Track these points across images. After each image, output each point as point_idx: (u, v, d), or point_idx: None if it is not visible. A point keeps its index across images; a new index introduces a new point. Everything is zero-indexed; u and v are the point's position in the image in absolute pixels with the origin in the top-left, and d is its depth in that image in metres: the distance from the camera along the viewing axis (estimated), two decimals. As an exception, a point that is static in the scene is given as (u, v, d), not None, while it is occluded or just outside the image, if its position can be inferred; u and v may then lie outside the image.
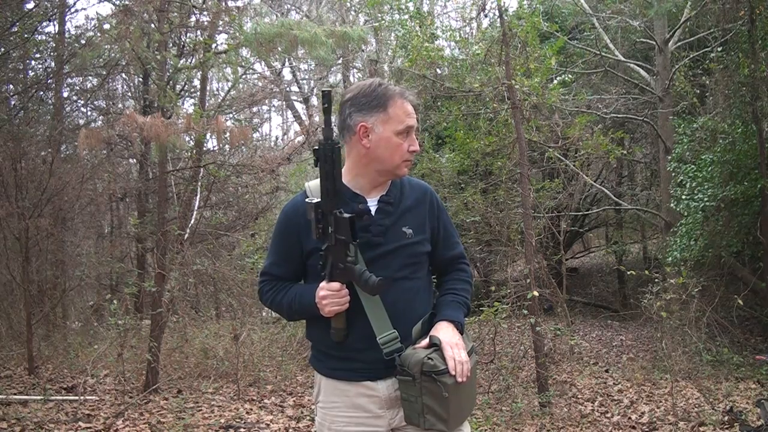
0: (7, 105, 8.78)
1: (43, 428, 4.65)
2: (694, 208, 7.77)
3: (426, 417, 1.69)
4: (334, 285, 1.74)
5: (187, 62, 8.35)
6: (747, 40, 7.20)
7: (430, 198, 1.94)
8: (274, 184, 12.45)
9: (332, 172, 1.70)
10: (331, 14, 13.41)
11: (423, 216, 1.89)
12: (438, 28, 9.16)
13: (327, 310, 1.75)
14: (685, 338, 6.55)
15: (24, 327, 6.77)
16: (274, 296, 1.91)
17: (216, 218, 9.08)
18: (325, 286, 1.75)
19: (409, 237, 1.84)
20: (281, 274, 1.92)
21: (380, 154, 1.81)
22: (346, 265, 1.72)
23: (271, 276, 1.94)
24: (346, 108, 1.83)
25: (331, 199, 1.71)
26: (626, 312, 11.27)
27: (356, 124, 1.81)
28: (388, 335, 1.76)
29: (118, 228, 12.60)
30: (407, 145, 1.82)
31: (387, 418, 1.81)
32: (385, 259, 1.80)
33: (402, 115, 1.81)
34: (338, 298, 1.74)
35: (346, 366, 1.83)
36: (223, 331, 7.78)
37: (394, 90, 1.83)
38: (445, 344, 1.72)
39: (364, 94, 1.81)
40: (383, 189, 1.88)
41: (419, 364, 1.68)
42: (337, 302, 1.74)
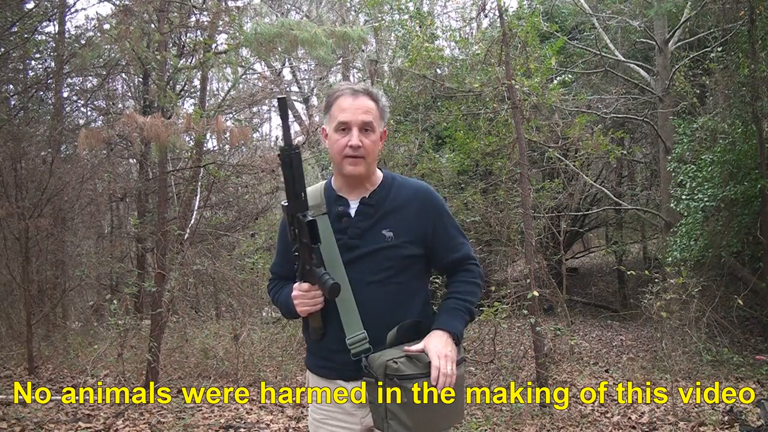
0: (7, 105, 8.77)
1: (43, 428, 4.65)
2: (694, 208, 7.77)
3: (389, 422, 1.66)
4: (303, 285, 1.77)
5: (187, 62, 8.35)
6: (747, 40, 7.20)
7: (423, 199, 1.88)
8: (274, 184, 12.43)
9: (292, 177, 1.70)
10: (331, 14, 13.41)
11: (410, 218, 1.84)
12: (438, 28, 9.17)
13: (299, 309, 1.80)
14: (685, 338, 6.55)
15: (24, 327, 6.77)
16: (274, 294, 2.00)
17: (216, 218, 9.08)
18: (296, 287, 1.79)
19: (389, 240, 1.81)
20: (283, 273, 1.99)
21: (331, 154, 1.86)
22: (311, 267, 1.74)
23: (275, 275, 2.04)
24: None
25: (293, 202, 1.72)
26: (626, 312, 11.28)
27: (321, 130, 1.91)
28: (357, 336, 1.76)
29: (118, 228, 12.60)
30: (345, 141, 1.80)
31: (359, 417, 1.84)
32: (361, 261, 1.80)
33: (337, 112, 1.82)
34: (308, 299, 1.77)
35: (323, 364, 1.88)
36: (223, 331, 7.78)
37: (337, 88, 1.86)
38: (432, 353, 1.68)
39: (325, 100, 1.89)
40: (365, 190, 1.87)
41: (383, 367, 1.66)
42: (308, 302, 1.77)
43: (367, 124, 1.80)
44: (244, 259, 8.58)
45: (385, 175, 1.93)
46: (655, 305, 5.67)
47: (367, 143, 1.81)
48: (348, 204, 1.86)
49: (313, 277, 1.75)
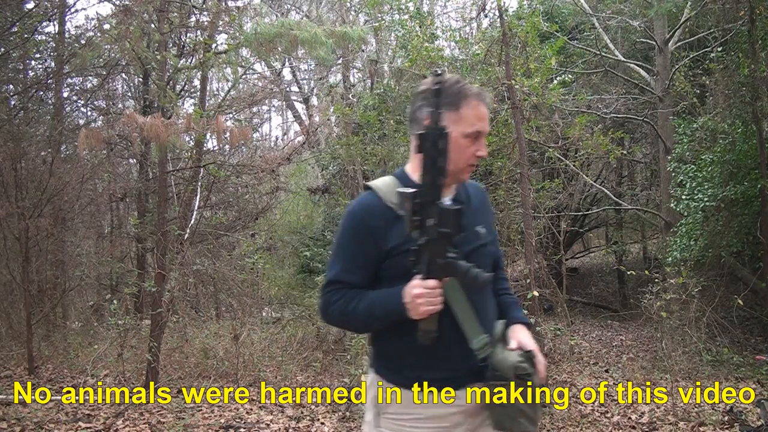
0: (7, 105, 8.77)
1: (43, 428, 4.65)
2: (694, 208, 7.77)
3: (520, 420, 1.66)
4: (430, 282, 1.61)
5: (187, 62, 8.35)
6: (747, 40, 7.20)
7: (486, 197, 1.94)
8: (274, 184, 12.46)
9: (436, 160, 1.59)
10: (331, 14, 13.41)
11: (488, 216, 1.90)
12: (438, 28, 9.15)
13: (422, 310, 1.62)
14: (685, 338, 6.55)
15: (24, 327, 6.78)
16: (345, 305, 1.73)
17: (216, 218, 9.08)
18: (421, 284, 1.61)
19: (484, 237, 1.80)
20: (355, 281, 1.75)
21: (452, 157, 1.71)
22: (447, 260, 1.62)
23: (342, 284, 1.76)
24: (418, 100, 1.75)
25: (434, 188, 1.60)
26: (626, 312, 11.27)
27: (424, 117, 1.71)
28: (482, 340, 1.71)
29: (118, 228, 12.59)
30: (474, 149, 1.74)
31: (465, 426, 1.75)
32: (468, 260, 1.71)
33: (473, 118, 1.72)
34: (433, 297, 1.62)
35: (429, 375, 1.73)
36: (223, 331, 7.78)
37: (470, 90, 1.74)
38: (536, 349, 1.72)
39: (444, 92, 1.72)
40: (450, 190, 1.80)
41: (513, 369, 1.65)
42: (432, 301, 1.62)
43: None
44: (244, 259, 8.59)
45: None
46: (655, 305, 5.67)
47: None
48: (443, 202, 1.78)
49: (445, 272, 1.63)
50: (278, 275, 11.66)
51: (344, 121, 10.78)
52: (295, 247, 13.13)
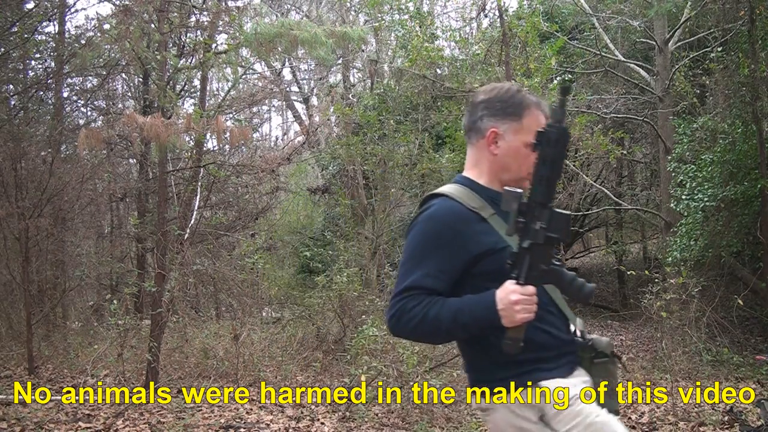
0: (7, 105, 8.77)
1: (43, 428, 4.65)
2: (694, 208, 7.77)
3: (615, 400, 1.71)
4: (529, 289, 1.55)
5: (187, 62, 8.35)
6: (747, 40, 7.20)
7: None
8: (274, 184, 12.46)
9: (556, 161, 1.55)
10: (331, 14, 13.41)
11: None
12: (438, 28, 9.16)
13: (518, 317, 1.54)
14: (685, 338, 6.55)
15: (24, 327, 6.77)
16: (426, 311, 1.61)
17: (216, 218, 9.07)
18: (520, 290, 1.54)
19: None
20: (436, 287, 1.65)
21: (508, 163, 1.74)
22: (551, 267, 1.57)
23: (422, 290, 1.64)
24: (479, 109, 1.77)
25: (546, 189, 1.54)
26: (626, 312, 11.27)
27: (487, 128, 1.74)
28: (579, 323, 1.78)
29: (118, 228, 12.59)
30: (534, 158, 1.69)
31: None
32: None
33: (535, 127, 1.68)
34: (531, 304, 1.56)
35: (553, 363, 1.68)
36: (223, 331, 7.78)
37: (531, 100, 1.77)
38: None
39: (500, 98, 1.75)
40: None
41: (610, 345, 1.73)
42: (529, 309, 1.56)
43: None
44: (244, 259, 8.58)
45: None
46: (655, 305, 5.67)
47: None
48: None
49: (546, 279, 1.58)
50: (278, 275, 11.66)
51: (344, 121, 10.79)
52: (295, 247, 13.14)
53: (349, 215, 11.14)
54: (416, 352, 5.45)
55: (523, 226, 1.55)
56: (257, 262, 7.90)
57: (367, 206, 11.21)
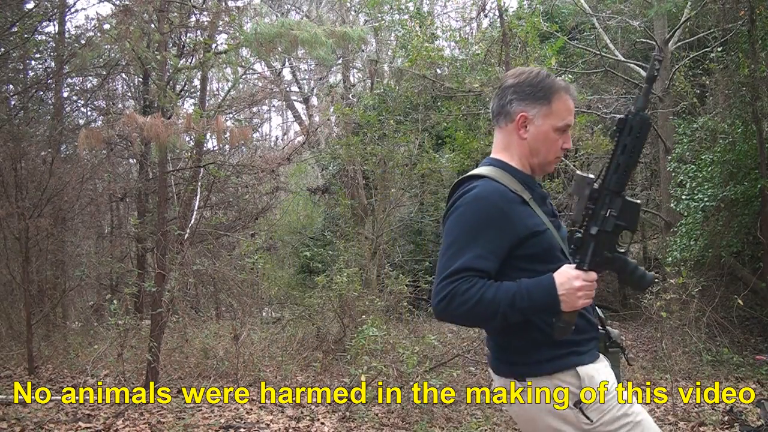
0: (7, 105, 8.77)
1: (43, 428, 4.65)
2: (694, 208, 7.77)
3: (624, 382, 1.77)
4: (592, 275, 1.57)
5: (187, 62, 8.34)
6: (747, 40, 7.20)
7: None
8: (274, 184, 12.47)
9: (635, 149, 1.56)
10: (331, 14, 13.41)
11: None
12: (438, 28, 9.17)
13: (581, 303, 1.55)
14: (685, 338, 6.55)
15: (24, 327, 6.77)
16: (482, 294, 1.56)
17: (216, 218, 9.08)
18: (583, 276, 1.55)
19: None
20: (488, 269, 1.61)
21: (537, 147, 1.75)
22: (616, 254, 1.59)
23: (475, 272, 1.59)
24: (508, 93, 1.78)
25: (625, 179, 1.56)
26: (626, 312, 11.26)
27: (516, 112, 1.75)
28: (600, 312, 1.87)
29: (118, 228, 12.60)
30: (562, 142, 1.76)
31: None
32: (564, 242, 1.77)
33: (564, 111, 1.75)
34: (592, 290, 1.58)
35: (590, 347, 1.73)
36: (223, 331, 7.78)
37: (560, 84, 1.77)
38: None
39: (529, 83, 1.75)
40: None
41: (619, 336, 1.82)
42: (591, 294, 1.59)
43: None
44: (244, 259, 8.58)
45: None
46: (655, 305, 5.67)
47: None
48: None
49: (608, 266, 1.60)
50: (278, 275, 11.66)
51: (344, 121, 10.79)
52: (295, 247, 13.14)
53: (349, 215, 11.14)
54: (416, 352, 5.45)
55: (592, 213, 1.56)
56: (257, 262, 7.89)
57: (367, 206, 11.22)
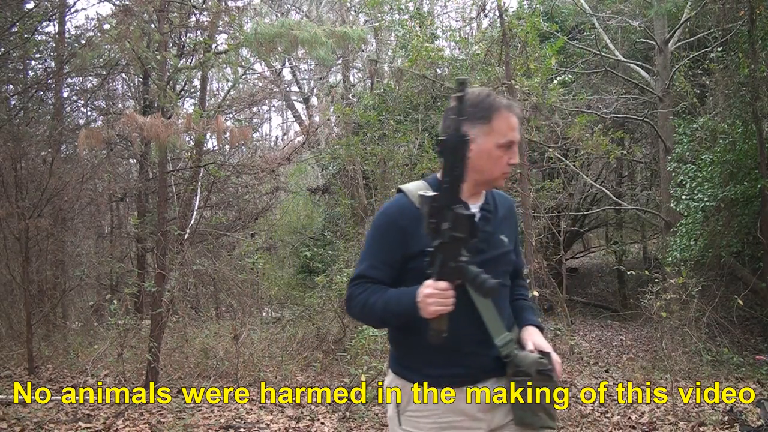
0: (7, 105, 8.77)
1: (43, 428, 4.65)
2: (694, 208, 7.77)
3: (540, 415, 1.75)
4: (441, 284, 1.67)
5: (187, 62, 8.34)
6: (747, 40, 7.20)
7: (513, 209, 2.02)
8: (274, 184, 12.47)
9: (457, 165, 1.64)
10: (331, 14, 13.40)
11: (512, 226, 1.97)
12: (438, 28, 9.16)
13: (431, 309, 1.67)
14: (685, 338, 6.55)
15: (24, 327, 6.77)
16: (367, 298, 1.80)
17: (216, 218, 9.08)
18: (432, 284, 1.67)
19: (506, 245, 1.89)
20: (379, 278, 1.83)
21: (480, 165, 1.81)
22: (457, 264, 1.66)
23: (367, 279, 1.83)
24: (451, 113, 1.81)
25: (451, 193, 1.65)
26: (626, 312, 11.27)
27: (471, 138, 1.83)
28: (505, 337, 1.80)
29: (118, 228, 12.60)
30: (507, 158, 1.83)
31: (486, 421, 1.81)
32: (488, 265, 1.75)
33: (505, 129, 1.82)
34: (443, 298, 1.67)
35: (448, 372, 1.80)
36: (223, 331, 7.78)
37: (500, 102, 1.84)
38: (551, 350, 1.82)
39: (471, 103, 1.78)
40: (480, 197, 1.91)
41: (536, 364, 1.75)
42: (442, 302, 1.67)
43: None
44: (244, 259, 8.59)
45: None
46: (655, 305, 5.67)
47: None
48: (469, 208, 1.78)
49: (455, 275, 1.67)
50: (278, 275, 11.66)
51: (344, 121, 10.78)
52: (295, 247, 13.14)
53: (349, 215, 11.14)
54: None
55: (435, 227, 1.66)
56: (257, 262, 7.90)
57: (367, 206, 11.20)
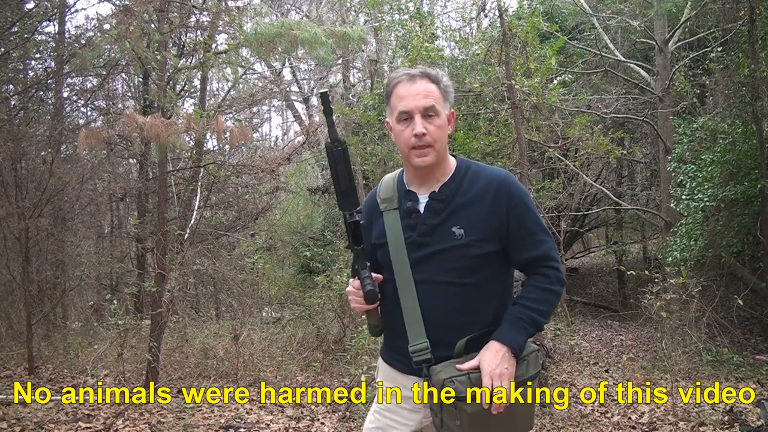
0: (7, 105, 8.77)
1: (43, 428, 4.65)
2: (694, 208, 7.77)
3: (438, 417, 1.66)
4: (355, 283, 1.73)
5: (187, 62, 8.34)
6: (747, 40, 7.19)
7: (497, 189, 1.70)
8: (274, 184, 12.46)
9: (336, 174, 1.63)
10: (331, 14, 13.40)
11: (483, 212, 1.68)
12: (438, 28, 9.16)
13: (352, 306, 1.79)
14: (685, 338, 6.55)
15: (24, 327, 6.77)
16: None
17: (216, 218, 9.07)
18: (351, 282, 1.77)
19: (459, 238, 1.67)
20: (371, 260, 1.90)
21: (399, 147, 1.77)
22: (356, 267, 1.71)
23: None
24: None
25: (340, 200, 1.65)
26: (626, 312, 11.27)
27: (386, 123, 1.84)
28: (419, 344, 1.67)
29: (118, 228, 12.60)
30: (410, 131, 1.68)
31: (421, 415, 1.78)
32: (429, 261, 1.69)
33: (396, 101, 1.71)
34: (357, 297, 1.73)
35: (396, 357, 1.81)
36: (223, 331, 7.78)
37: (394, 76, 1.76)
38: (484, 374, 1.58)
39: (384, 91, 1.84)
40: (435, 183, 1.74)
41: (440, 384, 1.59)
42: (357, 300, 1.73)
43: (429, 109, 1.67)
44: (244, 259, 8.58)
45: (459, 163, 1.78)
46: (655, 305, 5.67)
47: (433, 129, 1.67)
48: (417, 199, 1.74)
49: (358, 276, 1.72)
50: (278, 275, 11.66)
51: (344, 121, 10.78)
52: (295, 247, 13.13)
53: (349, 215, 11.11)
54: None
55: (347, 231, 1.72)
56: (257, 262, 7.90)
57: (367, 206, 11.19)
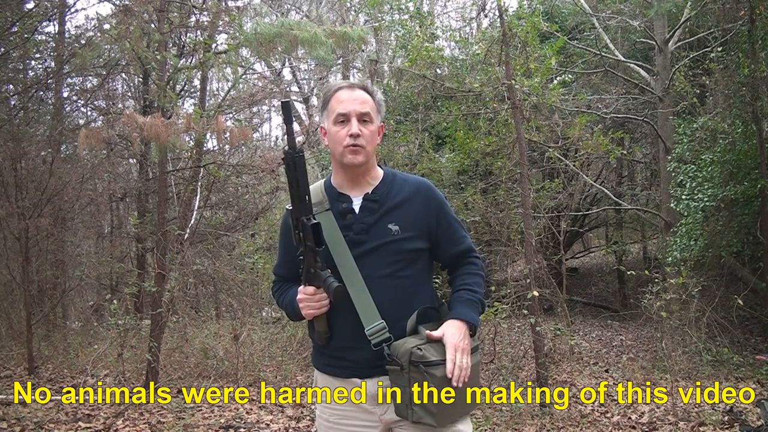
0: (7, 105, 8.77)
1: (43, 428, 4.65)
2: (694, 208, 7.77)
3: (414, 409, 1.68)
4: (308, 289, 1.77)
5: (187, 62, 8.34)
6: (747, 40, 7.19)
7: (425, 193, 1.91)
8: (274, 184, 12.43)
9: (296, 180, 1.70)
10: (331, 14, 13.41)
11: (414, 212, 1.87)
12: (438, 28, 9.16)
13: (305, 313, 1.80)
14: (685, 338, 6.55)
15: (24, 327, 6.77)
16: (279, 297, 2.00)
17: (216, 218, 9.08)
18: (302, 290, 1.79)
19: (395, 234, 1.83)
20: (285, 275, 1.99)
21: (332, 148, 1.87)
22: (314, 271, 1.75)
23: (278, 276, 2.03)
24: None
25: (298, 206, 1.72)
26: (626, 312, 11.27)
27: (320, 128, 1.94)
28: (376, 326, 1.76)
29: (118, 228, 12.60)
30: (345, 131, 1.82)
31: (378, 414, 1.83)
32: (369, 256, 1.81)
33: (335, 104, 1.85)
34: (313, 302, 1.78)
35: (336, 363, 1.88)
36: (223, 331, 7.78)
37: (333, 84, 1.92)
38: (449, 345, 1.72)
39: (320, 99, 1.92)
40: (368, 186, 1.89)
41: (408, 354, 1.68)
42: (314, 305, 1.78)
43: (365, 115, 1.84)
44: (244, 259, 8.58)
45: (385, 171, 1.95)
46: (655, 305, 5.67)
47: (366, 133, 1.83)
48: (351, 200, 1.87)
49: (318, 280, 1.75)
50: (278, 275, 11.62)
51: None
52: (295, 246, 13.11)
53: (349, 215, 11.10)
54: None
55: (297, 237, 1.76)
56: (257, 262, 7.89)
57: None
